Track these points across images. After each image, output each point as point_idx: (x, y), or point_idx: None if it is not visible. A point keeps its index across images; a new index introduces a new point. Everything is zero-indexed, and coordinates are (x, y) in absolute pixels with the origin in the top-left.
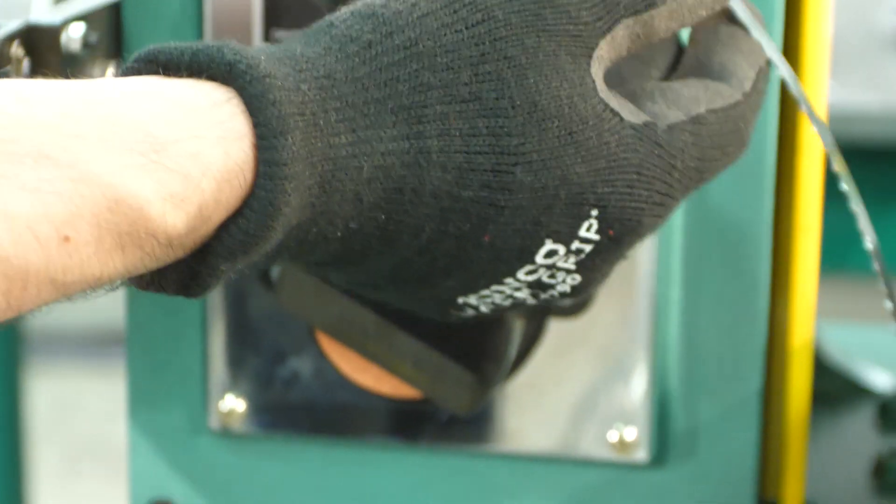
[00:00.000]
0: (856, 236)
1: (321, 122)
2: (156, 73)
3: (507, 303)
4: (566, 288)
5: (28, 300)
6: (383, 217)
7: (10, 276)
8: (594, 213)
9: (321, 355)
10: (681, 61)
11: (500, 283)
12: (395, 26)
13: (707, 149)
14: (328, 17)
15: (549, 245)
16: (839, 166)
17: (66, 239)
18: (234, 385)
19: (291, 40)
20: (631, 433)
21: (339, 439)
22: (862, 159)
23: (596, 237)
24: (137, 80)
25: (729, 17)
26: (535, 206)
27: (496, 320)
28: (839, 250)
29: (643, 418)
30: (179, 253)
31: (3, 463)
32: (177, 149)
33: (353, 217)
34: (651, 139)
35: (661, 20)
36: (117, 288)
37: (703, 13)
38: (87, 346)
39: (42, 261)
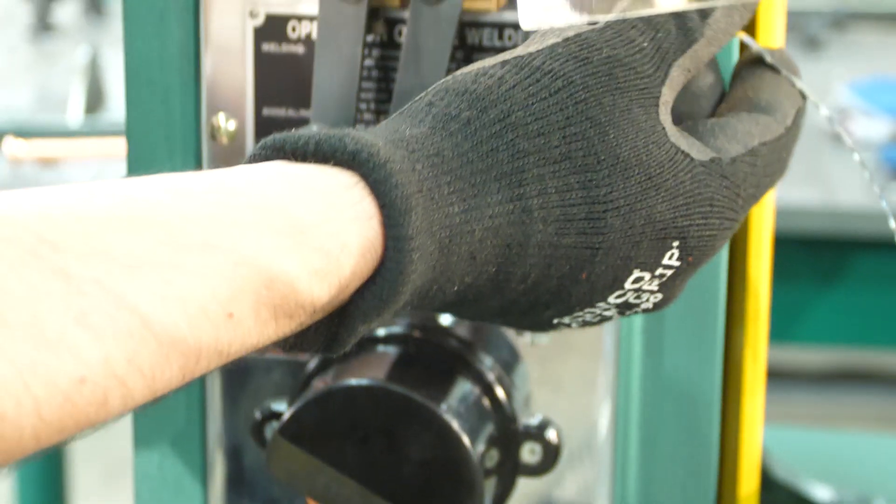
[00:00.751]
0: (797, 320)
1: (436, 196)
2: (283, 159)
3: (596, 320)
4: (649, 305)
5: (198, 371)
6: (494, 270)
7: (187, 354)
8: (676, 243)
9: None
10: (726, 96)
11: (593, 306)
12: (489, 101)
13: (761, 177)
14: (425, 97)
15: (636, 273)
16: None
17: (231, 315)
18: None
19: (396, 121)
20: None
21: None
22: (803, 249)
23: (677, 263)
24: (274, 168)
25: (772, 66)
26: (625, 244)
27: (469, 485)
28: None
29: None
30: (320, 317)
31: (48, 478)
32: (317, 230)
33: (468, 273)
34: (718, 173)
35: (703, 49)
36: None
37: (734, 31)
38: None
39: (212, 337)
